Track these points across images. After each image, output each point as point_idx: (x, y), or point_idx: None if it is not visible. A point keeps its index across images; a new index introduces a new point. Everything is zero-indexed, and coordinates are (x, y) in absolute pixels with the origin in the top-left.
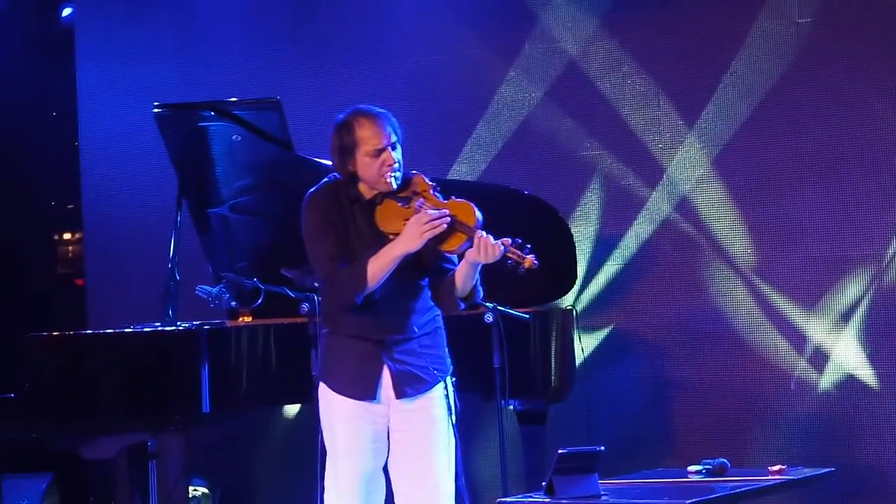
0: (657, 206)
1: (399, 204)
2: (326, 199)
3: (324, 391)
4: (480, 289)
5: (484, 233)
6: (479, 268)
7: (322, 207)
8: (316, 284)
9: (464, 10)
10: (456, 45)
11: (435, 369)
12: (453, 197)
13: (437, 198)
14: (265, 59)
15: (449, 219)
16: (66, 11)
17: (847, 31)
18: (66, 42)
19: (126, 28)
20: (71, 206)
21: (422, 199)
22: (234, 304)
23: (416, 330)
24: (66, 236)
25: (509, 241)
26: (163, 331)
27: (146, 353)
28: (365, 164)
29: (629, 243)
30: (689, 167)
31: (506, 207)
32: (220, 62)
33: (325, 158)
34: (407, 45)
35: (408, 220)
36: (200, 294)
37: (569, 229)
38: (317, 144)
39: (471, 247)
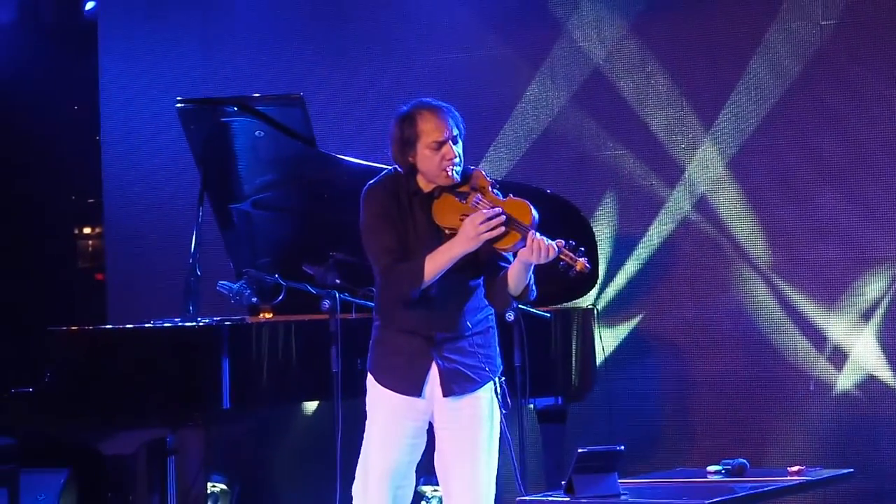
0: (678, 206)
1: (457, 199)
2: (385, 191)
3: (370, 382)
4: (534, 288)
5: (538, 233)
6: (532, 268)
7: (381, 199)
8: (337, 281)
9: (487, 9)
10: (480, 44)
11: (485, 368)
12: (511, 195)
13: (496, 195)
14: (287, 56)
15: (504, 218)
16: (90, 5)
17: (869, 34)
18: (88, 36)
19: (149, 22)
20: (92, 200)
21: (479, 196)
22: (255, 300)
23: (468, 328)
24: (87, 231)
25: (563, 242)
26: (183, 326)
27: (166, 348)
28: (425, 157)
29: (650, 243)
30: (709, 167)
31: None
32: (242, 58)
33: (348, 155)
34: (431, 41)
35: (465, 215)
36: (221, 290)
37: (591, 228)
38: (339, 141)
39: (524, 246)
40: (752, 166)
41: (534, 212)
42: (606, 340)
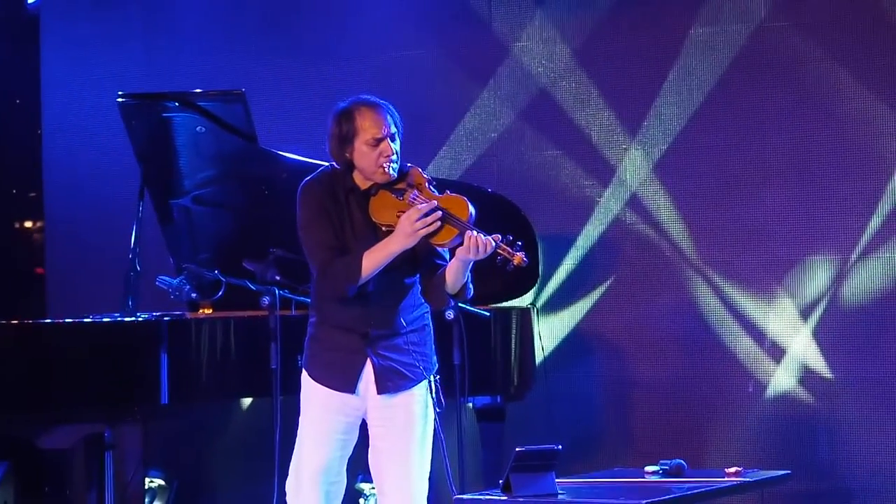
0: (617, 206)
1: (394, 196)
2: (322, 187)
3: (304, 378)
4: (471, 287)
5: (475, 230)
6: (470, 265)
7: (317, 196)
8: (277, 278)
9: (433, 9)
10: (426, 44)
11: (420, 367)
12: (448, 191)
13: (432, 191)
14: (233, 50)
15: (440, 214)
16: None
17: (813, 35)
18: (31, 29)
19: (92, 16)
20: (33, 194)
21: (416, 192)
22: (194, 295)
23: (403, 325)
24: (28, 224)
25: (500, 237)
26: (122, 321)
27: (105, 343)
28: (362, 154)
29: (589, 244)
30: (648, 168)
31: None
32: (187, 53)
33: (291, 151)
34: (377, 40)
35: (401, 211)
36: (161, 285)
37: (532, 227)
38: (282, 138)
39: (461, 242)
40: (691, 166)
41: (471, 207)
42: (546, 340)
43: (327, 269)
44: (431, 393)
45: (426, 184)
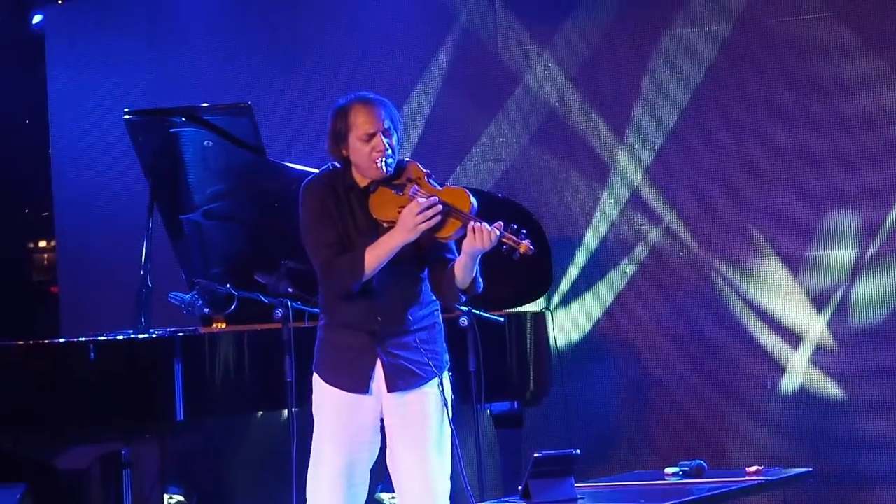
0: (631, 208)
1: (393, 191)
2: (323, 186)
3: (316, 381)
4: (480, 281)
5: (478, 221)
6: (478, 259)
7: (319, 195)
8: (290, 290)
9: (438, 18)
10: (426, 47)
11: (431, 364)
12: (448, 183)
13: (432, 185)
14: (237, 65)
15: (441, 207)
16: (37, 18)
17: (821, 31)
18: (36, 49)
19: (97, 35)
20: (45, 213)
21: (416, 186)
22: (207, 310)
23: (411, 322)
24: (42, 244)
25: (502, 225)
26: (135, 338)
27: (119, 361)
28: (356, 149)
29: (604, 246)
30: (664, 167)
31: (481, 210)
32: (192, 68)
33: (298, 163)
34: (380, 50)
35: (402, 207)
36: (173, 301)
37: (543, 231)
38: (290, 149)
39: (465, 234)
40: (707, 166)
41: (472, 198)
42: (561, 344)
43: (330, 267)
44: (443, 391)
45: (425, 177)
